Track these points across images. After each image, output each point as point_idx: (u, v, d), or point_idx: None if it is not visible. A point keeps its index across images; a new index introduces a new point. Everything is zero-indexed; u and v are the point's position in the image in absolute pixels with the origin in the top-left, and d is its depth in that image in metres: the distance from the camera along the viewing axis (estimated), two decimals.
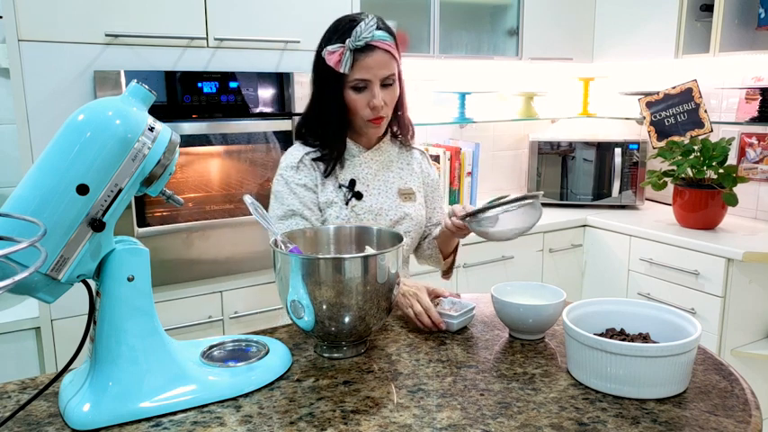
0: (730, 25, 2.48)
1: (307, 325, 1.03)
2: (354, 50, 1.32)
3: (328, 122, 1.42)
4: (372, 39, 1.32)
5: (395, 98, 1.40)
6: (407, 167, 1.53)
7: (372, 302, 1.03)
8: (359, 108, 1.37)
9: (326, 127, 1.42)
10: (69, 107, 1.74)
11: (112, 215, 0.87)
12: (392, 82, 1.37)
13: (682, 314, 1.02)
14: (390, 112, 1.42)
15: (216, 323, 2.05)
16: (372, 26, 1.32)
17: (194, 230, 1.97)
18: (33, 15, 1.69)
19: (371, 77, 1.34)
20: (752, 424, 0.85)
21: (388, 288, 1.05)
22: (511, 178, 3.27)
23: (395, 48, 1.37)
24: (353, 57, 1.32)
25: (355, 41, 1.31)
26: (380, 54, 1.33)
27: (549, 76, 3.25)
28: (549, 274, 2.67)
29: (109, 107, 0.86)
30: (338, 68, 1.33)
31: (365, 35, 1.31)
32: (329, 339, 1.07)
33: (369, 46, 1.32)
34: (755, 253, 2.12)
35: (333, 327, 1.03)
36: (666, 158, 2.46)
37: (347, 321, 1.03)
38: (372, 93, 1.35)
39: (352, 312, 1.02)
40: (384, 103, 1.37)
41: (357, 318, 1.03)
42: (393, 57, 1.36)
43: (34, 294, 0.85)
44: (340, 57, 1.33)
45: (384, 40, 1.34)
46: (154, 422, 0.88)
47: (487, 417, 0.88)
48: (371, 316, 1.04)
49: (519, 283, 1.23)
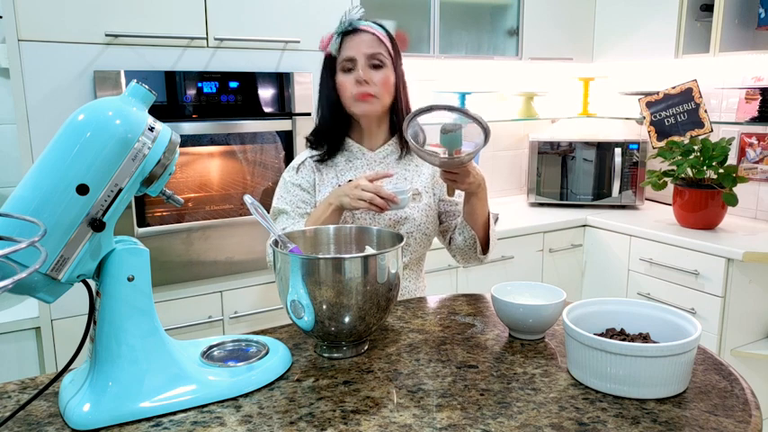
0: (730, 25, 2.48)
1: (306, 325, 1.03)
2: (342, 34, 1.42)
3: (326, 116, 1.47)
4: (358, 24, 1.42)
5: (386, 81, 1.43)
6: (414, 168, 1.52)
7: (372, 302, 1.03)
8: (347, 88, 1.41)
9: (323, 122, 1.48)
10: (69, 107, 1.74)
11: (112, 215, 0.87)
12: (380, 63, 1.42)
13: (682, 314, 1.02)
14: (385, 96, 1.44)
15: (216, 323, 2.05)
16: (358, 13, 1.43)
17: (194, 230, 1.97)
18: (33, 15, 1.69)
19: (356, 54, 1.40)
20: (752, 424, 0.85)
21: (388, 288, 1.05)
22: (511, 178, 3.27)
23: (385, 36, 1.44)
24: (341, 39, 1.42)
25: (342, 26, 1.42)
26: (366, 35, 1.41)
27: (549, 76, 3.25)
28: (549, 274, 2.67)
29: (109, 107, 0.86)
30: (328, 50, 1.43)
31: (350, 18, 1.42)
32: (329, 339, 1.07)
33: (354, 29, 1.42)
34: (755, 253, 2.12)
35: (333, 327, 1.03)
36: (666, 158, 2.46)
37: (347, 321, 1.03)
38: (357, 70, 1.40)
39: (351, 312, 1.02)
40: (371, 80, 1.40)
41: (357, 318, 1.03)
42: (381, 41, 1.42)
43: (34, 294, 0.85)
44: (329, 41, 1.44)
45: (370, 26, 1.43)
46: (154, 422, 0.88)
47: (487, 417, 0.88)
48: (371, 316, 1.04)
49: (519, 283, 1.23)
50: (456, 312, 1.30)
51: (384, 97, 1.43)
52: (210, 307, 2.04)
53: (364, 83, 1.40)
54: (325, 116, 1.49)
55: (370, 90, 1.41)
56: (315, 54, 2.11)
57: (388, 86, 1.43)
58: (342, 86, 1.43)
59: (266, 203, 2.16)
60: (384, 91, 1.43)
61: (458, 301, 1.37)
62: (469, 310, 1.31)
